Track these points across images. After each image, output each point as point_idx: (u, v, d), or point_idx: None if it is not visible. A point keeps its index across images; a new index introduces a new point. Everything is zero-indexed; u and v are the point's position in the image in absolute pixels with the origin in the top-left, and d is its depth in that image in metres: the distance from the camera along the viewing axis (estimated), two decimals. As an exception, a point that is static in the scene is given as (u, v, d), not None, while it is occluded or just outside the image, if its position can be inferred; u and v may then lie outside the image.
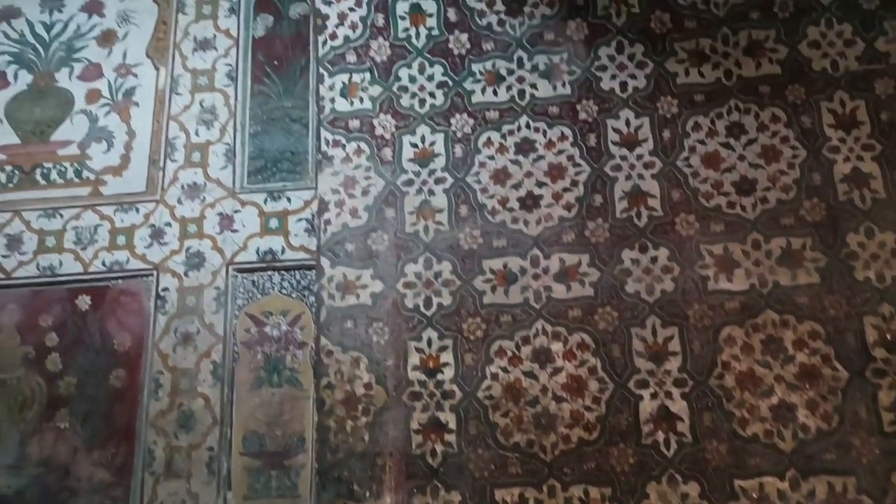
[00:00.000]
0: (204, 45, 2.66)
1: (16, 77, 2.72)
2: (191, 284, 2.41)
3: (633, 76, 2.01)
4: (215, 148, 2.56)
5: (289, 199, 2.47)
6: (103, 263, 2.45)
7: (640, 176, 1.93)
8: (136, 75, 2.67)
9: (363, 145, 2.01)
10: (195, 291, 2.41)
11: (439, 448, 1.74)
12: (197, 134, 2.58)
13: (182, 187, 2.52)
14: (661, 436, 1.75)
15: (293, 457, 2.23)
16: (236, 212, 2.48)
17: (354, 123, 2.04)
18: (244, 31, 2.66)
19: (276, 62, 2.62)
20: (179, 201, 2.51)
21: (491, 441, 1.75)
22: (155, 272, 2.43)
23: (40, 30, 2.75)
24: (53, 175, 2.59)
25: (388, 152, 1.99)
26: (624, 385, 1.79)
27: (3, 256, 2.49)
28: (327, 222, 1.87)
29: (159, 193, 2.52)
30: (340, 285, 1.87)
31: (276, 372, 2.33)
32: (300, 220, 2.44)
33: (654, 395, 1.78)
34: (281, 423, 2.28)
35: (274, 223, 2.46)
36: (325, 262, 1.83)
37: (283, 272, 2.41)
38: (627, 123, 1.99)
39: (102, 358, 2.37)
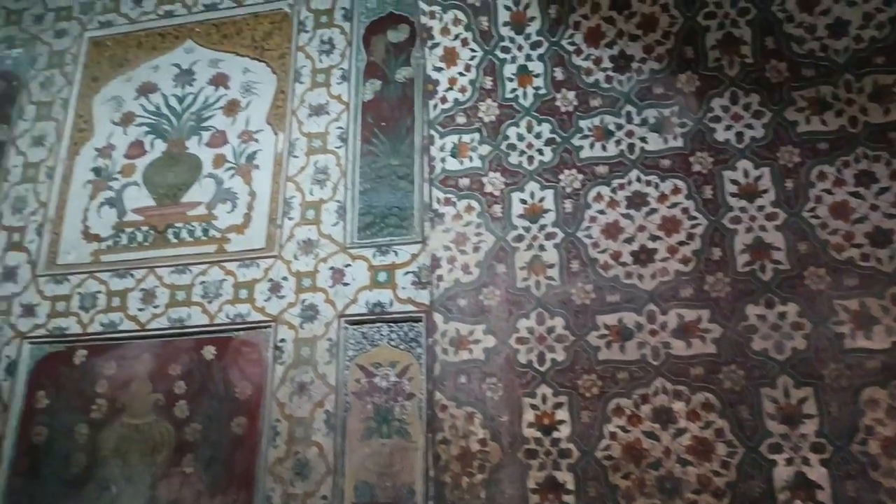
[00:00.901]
0: (318, 110, 2.86)
1: (152, 145, 3.01)
2: (305, 336, 2.53)
3: (749, 126, 1.97)
4: (328, 205, 2.71)
5: (396, 253, 2.56)
6: (227, 316, 2.63)
7: (763, 228, 1.86)
8: (257, 140, 2.89)
9: (473, 203, 2.07)
10: (309, 343, 2.52)
11: (558, 509, 1.71)
12: (311, 193, 2.75)
13: (298, 243, 2.68)
14: (799, 506, 1.64)
15: (403, 509, 2.25)
16: (347, 266, 2.60)
17: (465, 182, 2.11)
18: (354, 96, 2.84)
19: (383, 123, 2.77)
20: (295, 257, 2.66)
21: (612, 504, 1.70)
22: (273, 324, 2.57)
23: (174, 102, 3.05)
24: (184, 234, 2.82)
25: (497, 209, 2.04)
26: (755, 449, 1.70)
27: (139, 309, 2.71)
28: (439, 278, 1.92)
29: (277, 249, 2.68)
30: (454, 340, 1.90)
31: (386, 423, 2.38)
32: (407, 273, 2.52)
33: (789, 461, 1.67)
34: (391, 473, 2.32)
35: (382, 276, 2.55)
36: (438, 318, 1.88)
37: (391, 324, 2.49)
38: (746, 174, 1.94)
39: (225, 405, 2.51)
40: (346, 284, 2.57)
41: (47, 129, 3.10)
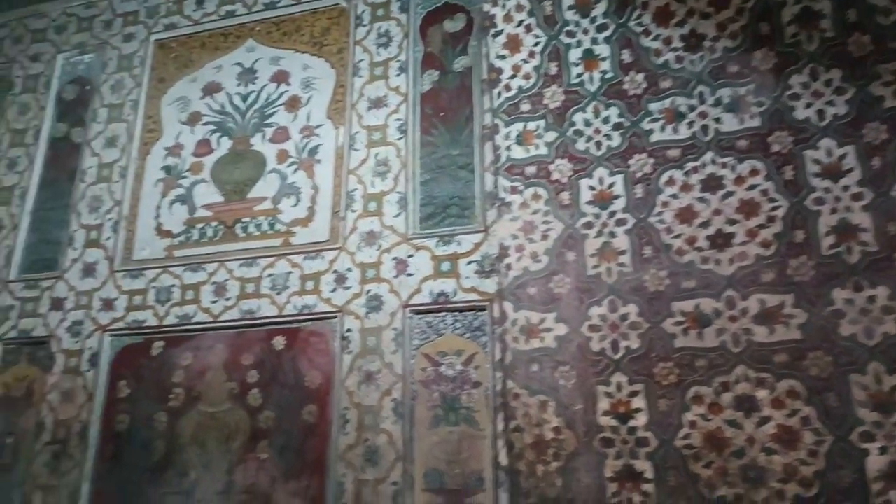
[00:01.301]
0: (377, 103, 2.88)
1: (218, 143, 3.10)
2: (371, 326, 2.57)
3: (831, 103, 1.88)
4: (389, 197, 2.74)
5: (459, 243, 2.57)
6: (295, 307, 2.69)
7: (848, 209, 1.79)
8: (318, 135, 2.94)
9: (540, 190, 2.05)
10: (375, 332, 2.56)
11: (636, 498, 1.69)
12: (373, 185, 2.78)
13: (361, 235, 2.72)
14: (894, 496, 1.57)
15: (473, 495, 2.27)
16: (410, 256, 2.62)
17: (531, 170, 2.09)
18: (412, 87, 2.85)
19: (442, 113, 2.77)
20: (359, 248, 2.70)
21: (693, 493, 1.66)
22: (339, 315, 2.62)
23: (237, 100, 3.12)
24: (251, 228, 2.90)
25: (565, 196, 2.02)
26: (844, 438, 1.64)
27: (212, 302, 2.81)
28: (508, 267, 1.91)
29: (341, 241, 2.73)
30: (524, 329, 1.90)
31: (453, 411, 2.40)
32: (470, 262, 2.53)
33: (883, 450, 1.60)
34: (459, 461, 2.34)
35: (445, 266, 2.57)
36: (507, 306, 1.87)
37: (455, 313, 2.50)
38: (829, 153, 1.86)
39: (296, 394, 2.58)
40: (409, 275, 2.59)
41: (119, 131, 3.23)
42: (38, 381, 2.91)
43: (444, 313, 2.51)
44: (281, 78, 3.08)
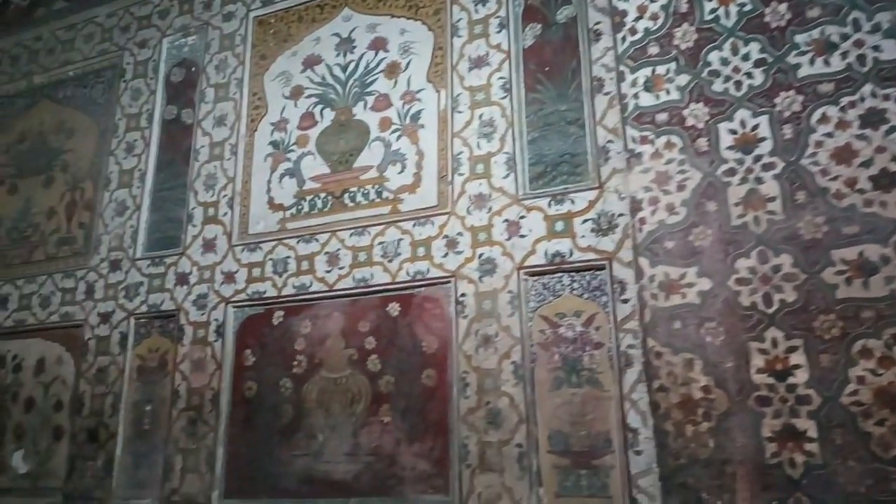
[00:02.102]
0: (478, 62, 2.81)
1: (321, 115, 3.13)
2: (485, 289, 2.55)
3: None
4: (497, 158, 2.68)
5: (572, 201, 2.49)
6: (407, 273, 2.71)
7: None
8: (419, 100, 2.91)
9: (674, 138, 1.93)
10: (490, 296, 2.54)
11: (799, 458, 1.59)
12: (479, 147, 2.73)
13: (470, 198, 2.68)
14: None
15: (600, 457, 2.23)
16: (522, 217, 2.56)
17: (662, 117, 1.97)
18: (514, 43, 2.76)
19: (547, 68, 2.67)
20: (468, 212, 2.67)
21: (864, 453, 1.54)
22: (453, 279, 2.61)
23: (338, 71, 3.14)
24: (359, 197, 2.93)
25: (702, 143, 1.89)
26: None
27: (326, 271, 2.87)
28: (642, 221, 1.82)
29: (450, 206, 2.71)
30: (663, 285, 1.80)
31: (575, 372, 2.35)
32: (586, 220, 2.45)
33: None
34: (585, 423, 2.29)
35: (559, 226, 2.49)
36: (643, 262, 1.78)
37: (572, 274, 2.44)
38: None
39: (414, 359, 2.61)
40: (522, 236, 2.54)
41: (226, 109, 3.33)
42: (170, 352, 3.10)
43: (560, 274, 2.45)
44: (379, 45, 3.07)
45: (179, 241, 3.25)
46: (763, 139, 1.84)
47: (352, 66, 3.10)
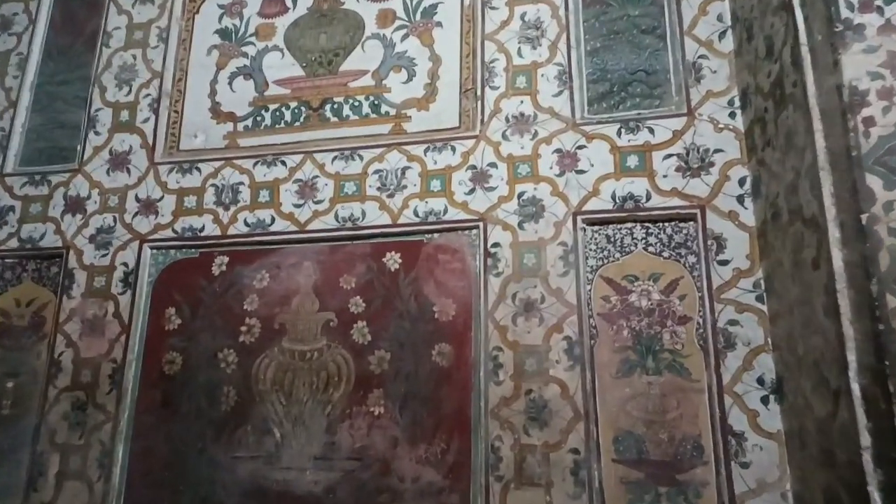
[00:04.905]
0: (522, -54, 2.14)
1: (294, 0, 2.33)
2: (528, 239, 1.89)
3: None
4: (545, 70, 2.03)
5: (651, 131, 1.90)
6: (415, 213, 1.99)
7: None
8: (438, -11, 2.20)
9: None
10: (534, 248, 1.88)
11: None
12: (520, 55, 2.06)
13: (507, 119, 2.01)
14: None
15: (688, 470, 1.65)
16: (580, 148, 1.93)
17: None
18: (572, -74, 2.12)
19: (613, -40, 2.06)
20: (505, 136, 2.00)
21: None
22: (481, 224, 1.93)
23: (321, -55, 2.34)
24: (346, 111, 2.16)
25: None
26: None
27: (295, 206, 2.08)
28: (868, 122, 1.22)
29: (479, 128, 2.02)
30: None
31: (652, 354, 1.75)
32: (669, 155, 1.86)
33: None
34: (666, 423, 1.70)
35: (633, 161, 1.89)
36: (873, 182, 1.18)
37: (648, 224, 1.84)
38: None
39: (420, 328, 1.90)
40: (580, 172, 1.91)
41: (156, -19, 2.43)
42: (49, 307, 2.17)
43: (631, 224, 1.85)
44: (381, -85, 2.31)
45: (73, 155, 2.31)
46: None
47: (343, -62, 2.32)
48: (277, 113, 2.21)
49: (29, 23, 2.51)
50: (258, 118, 2.22)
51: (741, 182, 1.79)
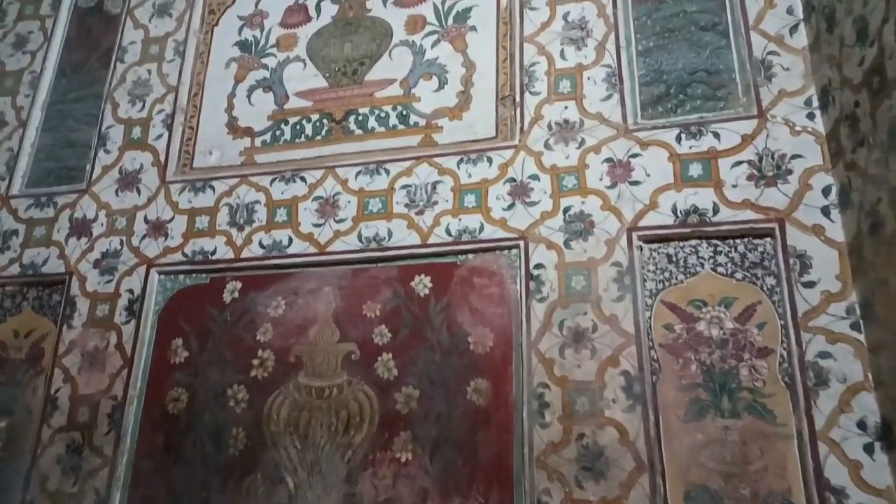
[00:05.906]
0: (562, -58, 1.97)
1: (318, 9, 2.19)
2: (576, 259, 1.65)
3: None
4: (592, 73, 1.83)
5: (716, 135, 1.67)
6: (447, 232, 1.77)
7: None
8: (471, -8, 2.03)
9: None
10: (583, 269, 1.64)
11: None
12: (563, 57, 1.87)
13: (550, 127, 1.80)
14: None
15: (779, 534, 1.36)
16: (634, 156, 1.71)
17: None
18: (617, -81, 1.94)
19: (665, -48, 1.87)
20: (547, 145, 1.79)
21: None
22: (522, 243, 1.70)
23: (346, -48, 2.21)
24: (372, 122, 1.98)
25: None
26: None
27: (315, 225, 1.88)
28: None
29: (518, 137, 1.82)
30: None
31: (727, 393, 1.48)
32: (739, 163, 1.62)
33: None
34: (748, 476, 1.42)
35: (696, 170, 1.65)
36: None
37: (716, 241, 1.59)
38: None
39: (453, 362, 1.66)
40: (634, 183, 1.68)
41: (174, -6, 2.32)
42: (48, 338, 1.99)
43: (697, 241, 1.60)
44: (410, -83, 2.17)
45: (82, 175, 2.17)
46: None
47: (369, -57, 2.18)
48: (298, 126, 2.04)
49: (44, 40, 2.42)
50: (277, 132, 2.05)
51: (825, 191, 1.54)
